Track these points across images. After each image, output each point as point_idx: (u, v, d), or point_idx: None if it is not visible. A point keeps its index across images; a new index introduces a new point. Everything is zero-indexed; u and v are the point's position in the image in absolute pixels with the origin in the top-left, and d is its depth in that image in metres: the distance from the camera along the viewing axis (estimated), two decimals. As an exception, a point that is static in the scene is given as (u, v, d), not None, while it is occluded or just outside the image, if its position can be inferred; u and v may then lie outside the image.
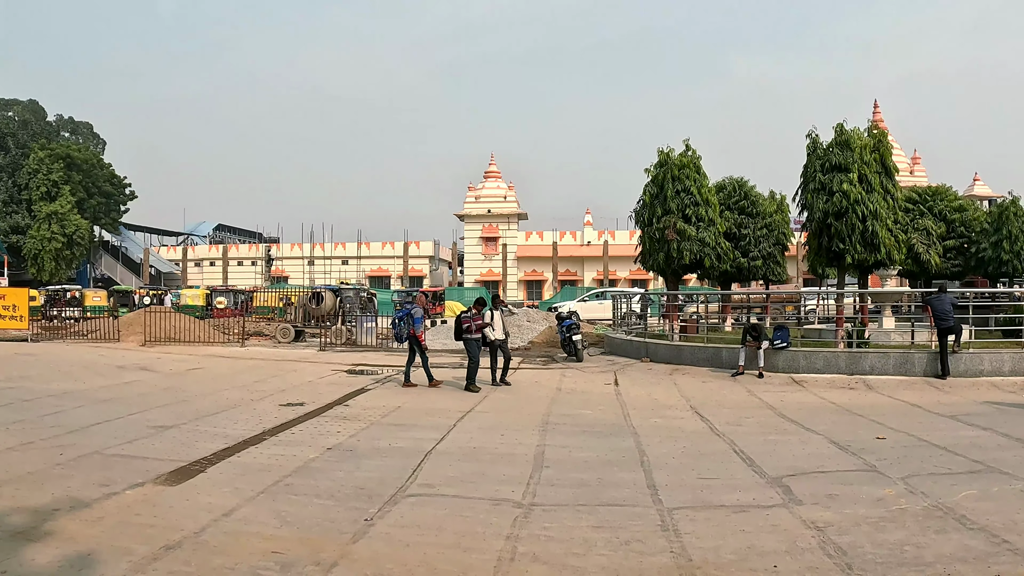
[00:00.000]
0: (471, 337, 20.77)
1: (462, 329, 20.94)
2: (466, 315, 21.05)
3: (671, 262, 29.52)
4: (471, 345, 20.78)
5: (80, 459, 11.39)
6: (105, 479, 10.16)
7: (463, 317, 21.07)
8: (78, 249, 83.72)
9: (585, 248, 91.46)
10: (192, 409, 16.39)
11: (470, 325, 20.78)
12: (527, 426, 14.97)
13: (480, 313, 21.07)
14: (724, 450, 12.77)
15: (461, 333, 20.98)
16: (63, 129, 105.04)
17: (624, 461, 11.91)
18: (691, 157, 30.31)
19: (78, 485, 9.84)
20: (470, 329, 20.78)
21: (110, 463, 11.19)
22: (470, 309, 21.23)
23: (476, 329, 20.85)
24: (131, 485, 9.88)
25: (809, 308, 47.40)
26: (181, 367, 24.91)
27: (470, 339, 20.78)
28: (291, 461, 11.45)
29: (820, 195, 25.64)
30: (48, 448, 12.13)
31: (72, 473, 10.52)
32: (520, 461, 11.81)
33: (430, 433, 13.93)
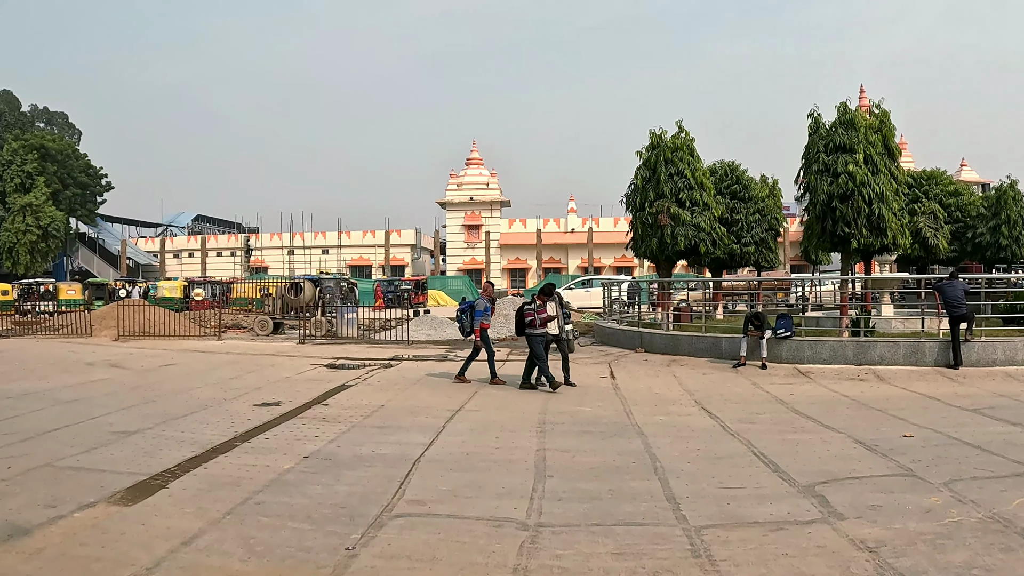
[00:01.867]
0: (535, 332, 18.57)
1: (524, 323, 18.78)
2: (529, 307, 18.85)
3: (664, 248, 28.46)
4: (535, 342, 18.42)
5: (28, 473, 10.20)
6: (53, 498, 9.01)
7: (526, 309, 18.83)
8: (54, 241, 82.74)
9: (569, 235, 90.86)
10: (160, 411, 15.19)
11: (534, 318, 18.62)
12: (523, 426, 13.87)
13: (545, 304, 19.02)
14: (742, 452, 11.70)
15: (523, 328, 18.87)
16: (38, 119, 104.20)
17: (635, 467, 10.80)
18: (684, 139, 29.29)
19: (20, 506, 8.71)
20: (534, 323, 18.61)
21: (61, 478, 10.01)
22: (533, 300, 19.15)
23: (541, 323, 18.70)
24: (81, 506, 8.72)
25: (799, 295, 46.59)
26: (154, 363, 23.74)
27: (534, 335, 18.54)
28: (263, 473, 10.27)
29: (824, 177, 24.56)
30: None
31: (16, 491, 9.35)
32: (519, 469, 10.68)
33: (417, 436, 12.77)
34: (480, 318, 19.37)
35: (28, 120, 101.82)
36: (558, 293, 20.18)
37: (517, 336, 19.66)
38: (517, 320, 19.11)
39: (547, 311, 18.86)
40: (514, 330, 19.63)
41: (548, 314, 18.85)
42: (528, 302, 19.14)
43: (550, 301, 19.09)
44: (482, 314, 19.45)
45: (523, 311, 18.87)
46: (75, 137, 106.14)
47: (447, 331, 34.46)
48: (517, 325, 19.19)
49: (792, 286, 49.43)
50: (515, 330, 19.28)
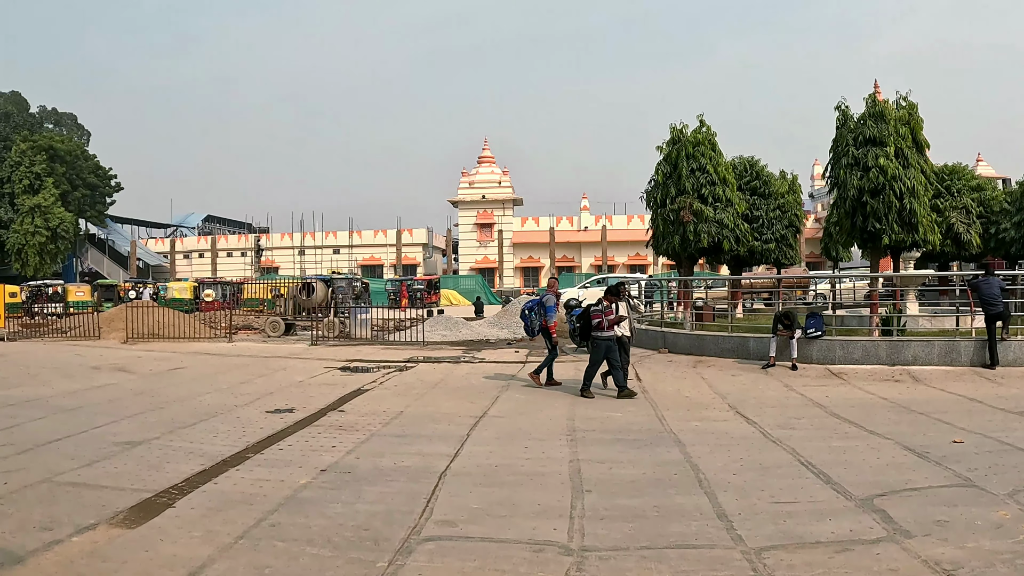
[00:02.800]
0: (602, 335, 16.98)
1: (591, 325, 17.17)
2: (596, 308, 17.26)
3: (687, 245, 27.80)
4: (599, 345, 16.93)
5: (24, 490, 9.42)
6: (49, 519, 8.24)
7: (593, 311, 17.26)
8: (63, 243, 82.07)
9: (582, 233, 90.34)
10: (167, 419, 14.42)
11: (601, 320, 17.00)
12: (551, 433, 13.07)
13: (612, 306, 17.43)
14: (788, 461, 10.91)
15: (589, 331, 17.25)
16: (46, 120, 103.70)
17: (677, 480, 10.00)
18: (706, 134, 28.70)
19: (13, 529, 7.95)
20: (601, 325, 16.99)
21: (59, 495, 9.23)
22: (600, 301, 17.54)
23: (609, 325, 17.10)
24: (79, 528, 7.94)
25: (817, 292, 45.88)
26: (161, 367, 22.99)
27: (601, 338, 16.96)
28: (278, 489, 9.49)
29: (854, 171, 23.81)
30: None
31: (10, 511, 8.58)
32: (554, 483, 9.87)
33: (440, 446, 11.98)
34: (552, 315, 18.69)
35: (37, 121, 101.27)
36: (627, 288, 19.06)
37: (583, 340, 18.01)
38: (583, 323, 17.74)
39: (614, 312, 17.48)
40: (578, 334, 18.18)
41: (617, 315, 17.51)
42: (594, 304, 17.78)
43: (618, 301, 17.77)
44: (553, 310, 18.75)
45: (590, 312, 17.43)
46: (84, 138, 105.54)
47: (462, 331, 33.83)
48: (582, 329, 17.79)
49: (810, 284, 48.67)
50: (580, 334, 17.98)
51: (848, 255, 54.15)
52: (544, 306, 18.79)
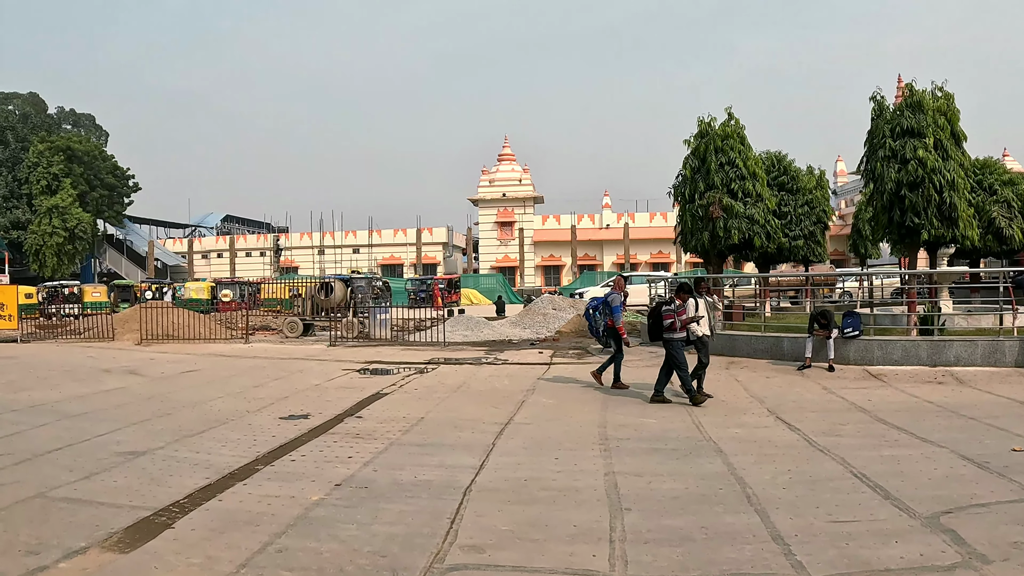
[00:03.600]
0: (675, 336, 15.94)
1: (662, 326, 16.03)
2: (668, 307, 16.09)
3: (717, 242, 26.98)
4: (675, 346, 15.88)
5: (15, 507, 8.71)
6: (37, 541, 7.54)
7: (665, 311, 16.04)
8: (81, 244, 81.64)
9: (604, 231, 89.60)
10: (174, 426, 13.68)
11: (674, 320, 15.91)
12: (583, 442, 12.26)
13: (685, 304, 16.20)
14: (839, 473, 10.10)
15: (660, 331, 16.12)
16: (64, 121, 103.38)
17: (724, 495, 9.19)
18: (734, 127, 27.92)
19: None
20: (674, 326, 15.92)
21: (52, 513, 8.51)
22: (671, 299, 16.53)
23: (682, 325, 16.02)
24: (68, 553, 7.22)
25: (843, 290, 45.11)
26: (174, 369, 22.32)
27: (674, 339, 15.92)
28: (288, 507, 8.71)
29: (891, 163, 22.95)
30: (-21, 490, 9.42)
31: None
32: (589, 500, 9.08)
33: (464, 457, 11.19)
34: (618, 315, 17.89)
35: (55, 122, 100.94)
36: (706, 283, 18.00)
37: (652, 340, 17.22)
38: (652, 322, 16.78)
39: (687, 311, 16.27)
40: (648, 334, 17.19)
41: (690, 315, 16.26)
42: (666, 301, 16.76)
43: (693, 298, 16.53)
44: (619, 310, 17.95)
45: (660, 312, 16.26)
46: (102, 139, 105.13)
47: (484, 332, 33.13)
48: (651, 328, 16.89)
49: (837, 281, 47.89)
50: (648, 334, 16.98)
51: (877, 252, 53.20)
52: (610, 305, 18.02)
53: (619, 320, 17.85)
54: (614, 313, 17.88)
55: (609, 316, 18.06)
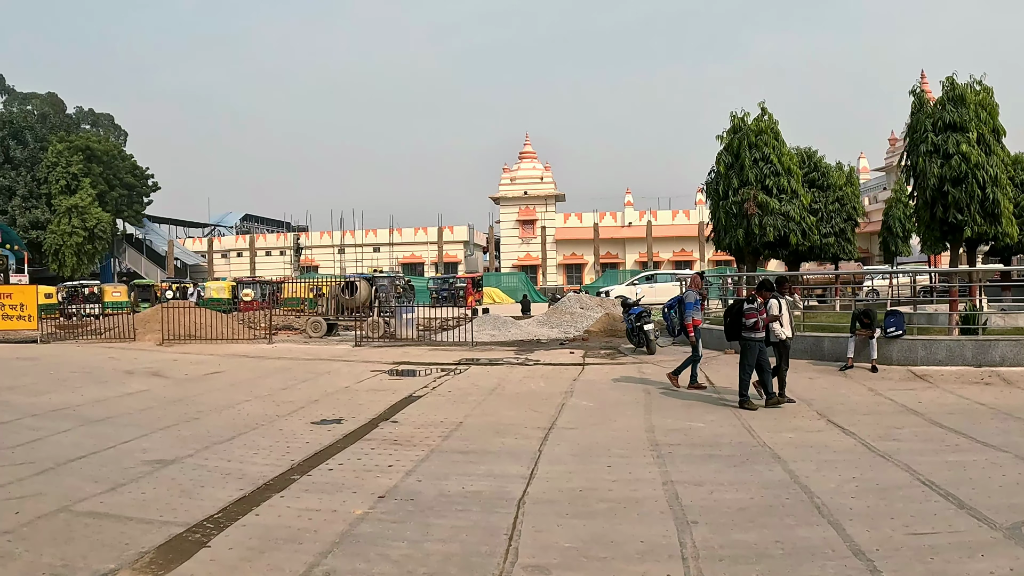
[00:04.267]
0: (755, 336, 15.17)
1: (741, 325, 15.30)
2: (751, 306, 15.29)
3: (752, 239, 26.38)
4: (753, 347, 15.09)
5: (38, 522, 8.12)
6: (62, 562, 6.99)
7: (747, 309, 15.26)
8: (100, 243, 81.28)
9: (626, 229, 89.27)
10: (202, 431, 13.12)
11: (756, 320, 15.17)
12: (633, 449, 11.64)
13: (767, 303, 15.45)
14: (906, 481, 9.60)
15: (739, 330, 15.40)
16: (83, 121, 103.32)
17: (791, 506, 8.65)
18: (768, 122, 27.31)
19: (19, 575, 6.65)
20: (756, 325, 15.17)
21: (77, 529, 7.91)
22: (753, 298, 15.56)
23: (763, 325, 15.28)
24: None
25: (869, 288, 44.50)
26: (198, 371, 21.78)
27: (753, 339, 15.16)
28: (330, 522, 8.12)
29: (934, 158, 22.28)
30: (1, 502, 8.88)
31: (18, 550, 7.30)
32: (652, 512, 8.49)
33: (511, 465, 10.60)
34: (691, 312, 17.36)
35: (73, 122, 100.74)
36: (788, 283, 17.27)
37: (730, 340, 16.44)
38: (730, 321, 15.97)
39: (769, 310, 15.55)
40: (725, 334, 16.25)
41: (770, 314, 15.56)
42: (746, 299, 15.82)
43: (775, 298, 15.79)
44: (693, 307, 17.40)
45: (742, 310, 15.42)
46: (121, 138, 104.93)
47: (511, 331, 32.59)
48: (729, 327, 16.03)
49: (864, 279, 47.24)
50: (726, 334, 16.16)
51: (907, 249, 52.45)
52: (684, 303, 17.52)
53: (689, 318, 17.37)
54: (687, 311, 17.38)
55: (684, 315, 17.56)
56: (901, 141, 79.35)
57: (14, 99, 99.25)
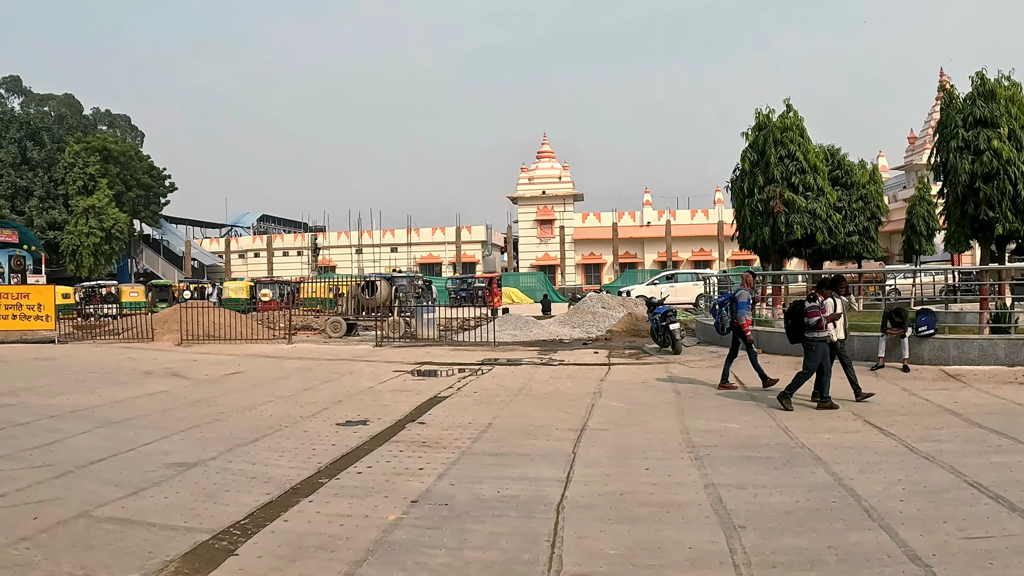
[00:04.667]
0: (818, 336, 14.56)
1: (804, 325, 14.64)
2: (813, 305, 14.60)
3: (778, 238, 26.01)
4: (818, 348, 14.56)
5: (57, 528, 7.78)
6: (82, 571, 6.69)
7: (810, 308, 14.57)
8: (117, 243, 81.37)
9: (645, 229, 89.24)
10: (225, 433, 12.79)
11: (820, 319, 14.52)
12: (669, 450, 11.29)
13: (825, 302, 14.74)
14: (953, 483, 9.28)
15: (801, 331, 14.73)
16: (100, 122, 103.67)
17: (839, 509, 8.33)
18: (794, 119, 26.93)
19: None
20: (820, 324, 14.53)
21: (97, 536, 7.57)
22: (814, 296, 14.85)
23: (825, 323, 14.60)
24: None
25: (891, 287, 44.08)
26: (218, 371, 21.47)
27: (817, 339, 14.55)
28: (363, 528, 7.77)
29: (964, 155, 21.90)
30: (19, 507, 8.55)
31: (36, 558, 6.96)
32: (696, 516, 8.15)
33: (546, 468, 10.23)
34: (744, 311, 17.01)
35: (90, 123, 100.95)
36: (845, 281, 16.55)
37: (792, 342, 15.65)
38: (792, 321, 15.22)
39: (827, 309, 14.84)
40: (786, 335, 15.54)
41: (832, 312, 14.95)
42: (808, 298, 15.12)
43: (833, 297, 15.16)
44: (746, 306, 17.05)
45: (804, 310, 14.84)
46: (138, 139, 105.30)
47: (533, 331, 32.29)
48: (791, 328, 15.25)
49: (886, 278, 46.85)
50: (787, 335, 15.60)
51: (931, 248, 52.13)
52: (737, 302, 17.07)
53: (742, 317, 17.01)
54: (740, 310, 16.98)
55: (736, 314, 17.11)
56: (920, 139, 79.47)
57: (31, 100, 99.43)
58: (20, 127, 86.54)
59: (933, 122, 79.85)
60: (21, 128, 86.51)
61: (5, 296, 32.68)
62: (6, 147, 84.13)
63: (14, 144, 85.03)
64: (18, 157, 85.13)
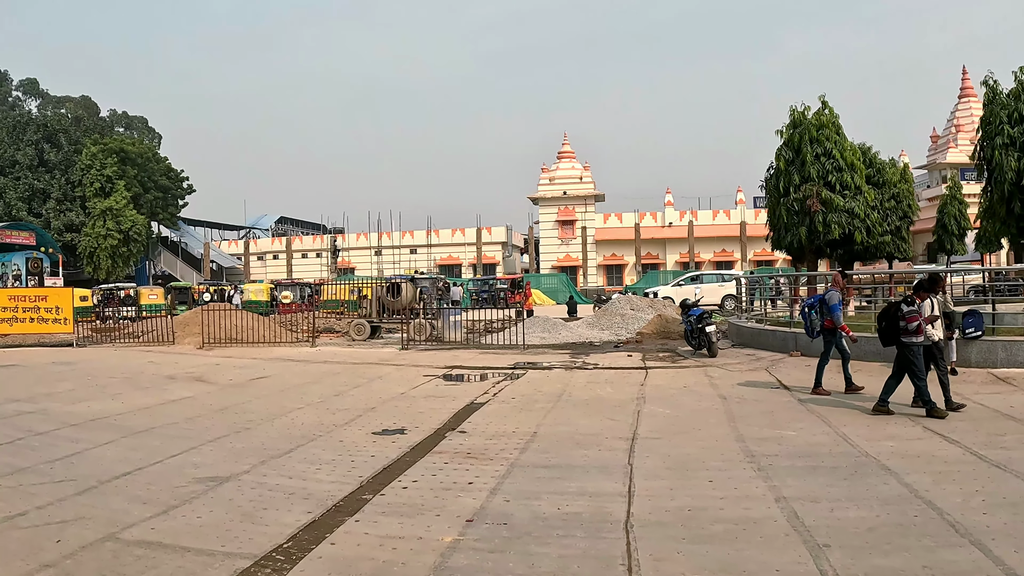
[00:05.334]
0: (916, 341, 13.73)
1: (900, 328, 13.85)
2: (911, 308, 13.75)
3: (815, 238, 25.34)
4: (915, 352, 13.73)
5: (81, 555, 7.15)
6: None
7: (909, 312, 13.72)
8: (135, 246, 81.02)
9: (667, 229, 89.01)
10: (256, 443, 12.13)
11: (919, 323, 13.70)
12: (729, 460, 10.66)
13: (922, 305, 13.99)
14: None
15: (896, 334, 13.97)
16: (117, 124, 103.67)
17: (924, 525, 7.78)
18: (829, 116, 26.29)
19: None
20: (920, 329, 13.70)
21: (127, 563, 6.93)
22: (911, 299, 13.96)
23: (924, 327, 13.78)
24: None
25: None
26: (242, 376, 20.92)
27: (915, 343, 13.73)
28: (418, 553, 7.11)
29: (1010, 151, 21.25)
30: (40, 527, 7.93)
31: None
32: (776, 535, 7.54)
33: (604, 481, 9.56)
34: (836, 312, 16.28)
35: (107, 125, 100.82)
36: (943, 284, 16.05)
37: (885, 346, 14.79)
38: (886, 323, 14.44)
39: (924, 311, 14.09)
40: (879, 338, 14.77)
41: (931, 314, 14.23)
42: (905, 300, 14.29)
43: (931, 297, 14.44)
44: (838, 308, 16.31)
45: (901, 312, 14.02)
46: (155, 141, 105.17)
47: (561, 333, 31.67)
48: (885, 331, 14.48)
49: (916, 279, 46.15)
50: (880, 338, 14.78)
51: (962, 247, 51.51)
52: (829, 303, 16.39)
53: (839, 319, 16.31)
54: (833, 312, 16.29)
55: (827, 315, 16.46)
56: (943, 138, 78.81)
57: (48, 102, 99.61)
58: (37, 129, 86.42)
59: (957, 120, 79.88)
60: (38, 130, 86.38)
61: (23, 299, 32.36)
62: (23, 149, 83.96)
63: (31, 146, 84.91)
64: (35, 159, 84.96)
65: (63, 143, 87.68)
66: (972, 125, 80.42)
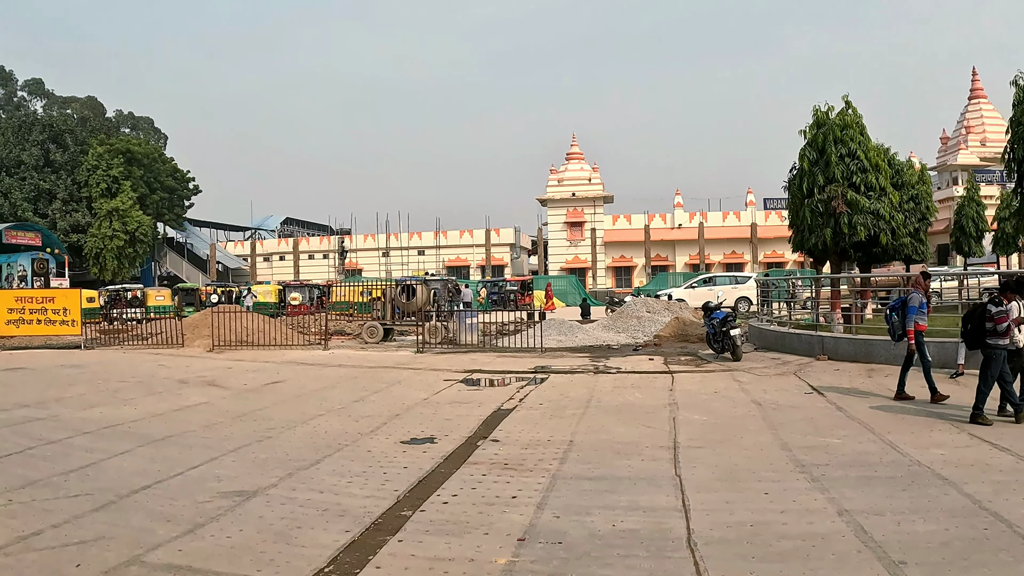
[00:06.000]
0: (1001, 344, 13.12)
1: (986, 330, 13.25)
2: (999, 309, 13.15)
3: (839, 240, 24.80)
4: (999, 356, 13.12)
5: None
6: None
7: (997, 312, 13.12)
8: (141, 246, 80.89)
9: (676, 231, 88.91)
10: (280, 454, 11.54)
11: (1008, 323, 13.08)
12: (779, 470, 10.18)
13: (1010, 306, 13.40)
14: None
15: (982, 336, 13.36)
16: (123, 125, 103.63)
17: (996, 539, 7.37)
18: (853, 116, 25.82)
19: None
20: (1009, 331, 13.11)
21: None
22: (998, 300, 13.43)
23: (1010, 329, 13.17)
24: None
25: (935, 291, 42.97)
26: (257, 380, 20.44)
27: (1000, 346, 13.13)
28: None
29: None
30: (57, 550, 7.33)
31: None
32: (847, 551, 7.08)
33: (655, 494, 9.03)
34: (914, 316, 15.64)
35: (113, 126, 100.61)
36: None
37: (971, 349, 14.31)
38: (973, 326, 13.82)
39: (1012, 313, 13.48)
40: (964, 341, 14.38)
41: (1016, 316, 13.66)
42: (992, 299, 13.77)
43: (1018, 299, 13.86)
44: (916, 311, 15.68)
45: (987, 314, 13.43)
46: (161, 142, 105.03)
47: (578, 336, 31.39)
48: (970, 334, 13.92)
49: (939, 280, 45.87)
50: (965, 341, 14.28)
51: (980, 249, 51.10)
52: (908, 306, 15.78)
53: (911, 323, 15.73)
54: (910, 315, 15.70)
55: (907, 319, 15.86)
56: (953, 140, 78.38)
57: (54, 103, 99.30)
58: (43, 129, 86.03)
59: (967, 122, 79.53)
60: (44, 130, 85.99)
61: (30, 300, 31.96)
62: (29, 149, 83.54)
63: (37, 146, 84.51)
64: (41, 160, 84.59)
65: (69, 143, 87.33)
66: (982, 127, 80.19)
